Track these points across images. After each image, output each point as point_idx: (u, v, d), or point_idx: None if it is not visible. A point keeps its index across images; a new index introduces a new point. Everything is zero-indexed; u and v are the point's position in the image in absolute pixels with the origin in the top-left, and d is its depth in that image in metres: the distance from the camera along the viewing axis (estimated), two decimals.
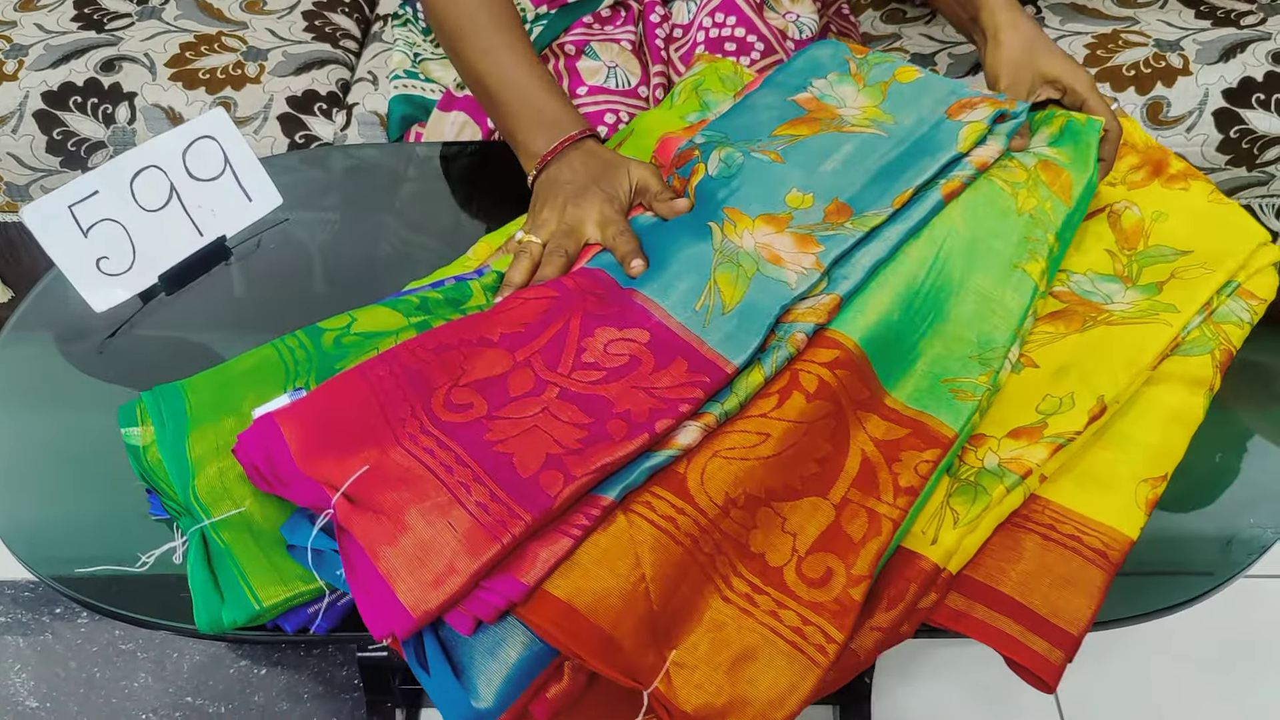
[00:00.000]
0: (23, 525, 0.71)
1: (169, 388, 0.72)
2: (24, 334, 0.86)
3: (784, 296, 0.71)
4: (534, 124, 0.87)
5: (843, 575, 0.61)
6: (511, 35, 0.91)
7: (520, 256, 0.80)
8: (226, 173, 0.89)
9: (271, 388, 0.71)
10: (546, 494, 0.59)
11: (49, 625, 1.28)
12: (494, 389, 0.66)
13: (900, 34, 1.34)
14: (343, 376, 0.67)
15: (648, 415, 0.63)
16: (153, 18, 1.35)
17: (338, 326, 0.75)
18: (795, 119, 0.86)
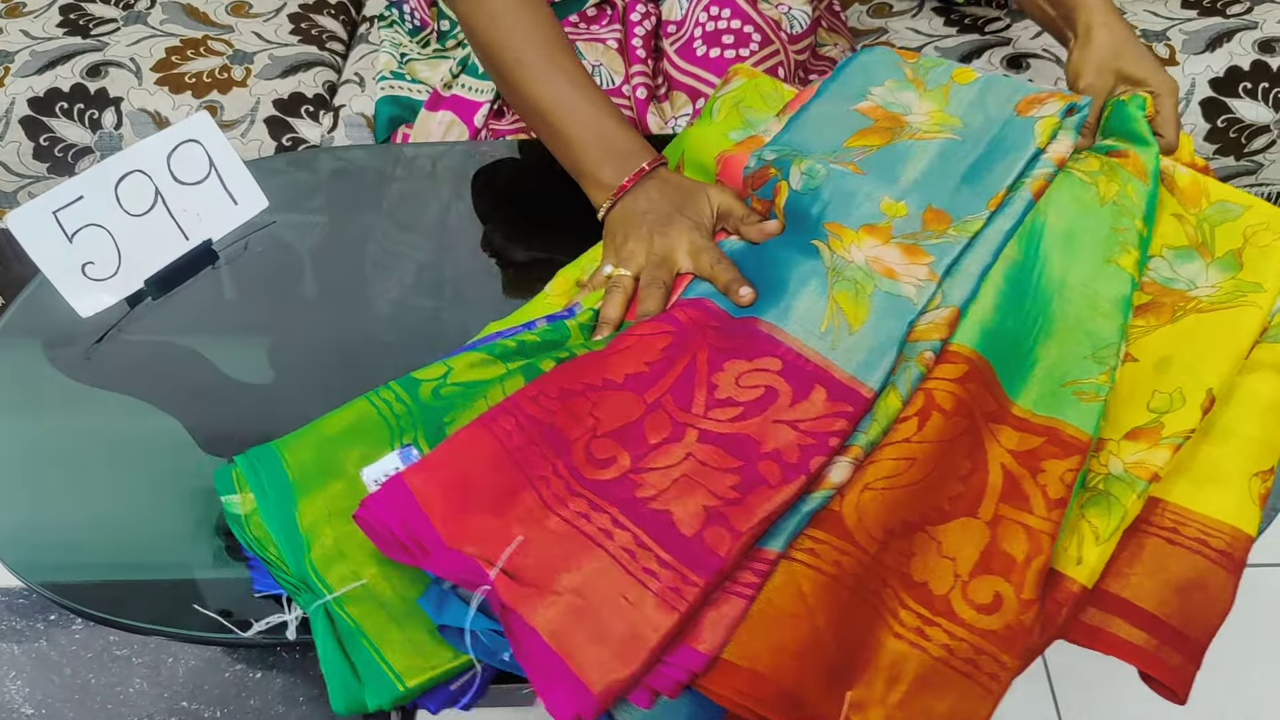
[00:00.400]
0: (12, 532, 0.71)
1: (263, 451, 0.68)
2: (10, 340, 0.85)
3: (909, 311, 0.69)
4: (602, 154, 0.84)
5: (1013, 600, 0.59)
6: (567, 61, 0.87)
7: (613, 291, 0.77)
8: (212, 176, 0.88)
9: (376, 445, 0.67)
10: (715, 554, 0.56)
11: (43, 632, 1.28)
12: (632, 437, 0.64)
13: (886, 28, 1.34)
14: (466, 432, 0.64)
15: (799, 453, 0.61)
16: (138, 22, 1.35)
17: (434, 376, 0.71)
18: (864, 129, 0.84)
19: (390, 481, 0.61)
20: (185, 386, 0.81)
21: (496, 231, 0.94)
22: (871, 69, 0.89)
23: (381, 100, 1.18)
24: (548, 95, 0.86)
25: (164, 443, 0.77)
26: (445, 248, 0.89)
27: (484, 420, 0.64)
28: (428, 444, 0.67)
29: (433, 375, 0.71)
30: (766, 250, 0.77)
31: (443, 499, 0.60)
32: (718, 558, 0.56)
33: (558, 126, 0.85)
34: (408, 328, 0.85)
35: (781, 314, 0.71)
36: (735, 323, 0.71)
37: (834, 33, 1.26)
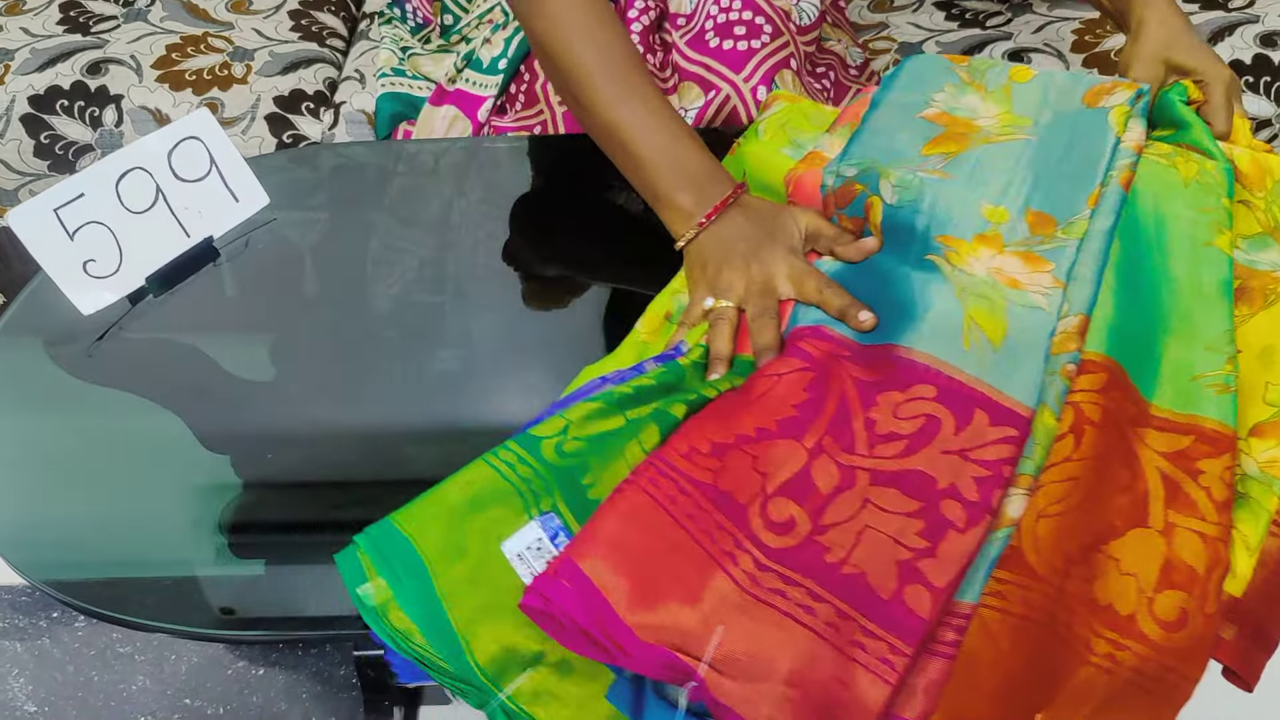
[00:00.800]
0: (14, 530, 0.71)
1: (387, 533, 0.61)
2: (12, 338, 0.85)
3: (1046, 322, 0.67)
4: (679, 179, 0.79)
5: (1197, 616, 0.58)
6: (641, 80, 0.82)
7: (719, 324, 0.73)
8: (212, 173, 0.88)
9: (508, 514, 0.62)
10: (917, 616, 0.55)
11: (46, 629, 1.28)
12: (803, 490, 0.60)
13: (887, 23, 1.34)
14: (626, 501, 0.60)
15: (977, 488, 0.59)
16: (138, 19, 1.35)
17: (553, 432, 0.65)
18: (937, 136, 0.81)
19: (562, 566, 0.57)
20: (187, 384, 0.81)
21: (499, 228, 0.94)
22: (925, 76, 0.87)
23: (383, 97, 1.18)
24: (621, 115, 0.81)
25: (166, 440, 0.77)
26: (447, 244, 0.89)
27: (641, 485, 0.60)
28: (570, 510, 0.62)
29: (551, 431, 0.65)
30: (874, 270, 0.73)
31: (626, 584, 0.56)
32: (920, 620, 0.55)
33: (630, 147, 0.81)
34: (409, 324, 0.85)
35: (917, 336, 0.67)
36: (869, 351, 0.67)
37: (837, 28, 1.26)
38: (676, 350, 0.74)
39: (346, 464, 0.76)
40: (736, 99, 1.08)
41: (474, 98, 1.12)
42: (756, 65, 1.06)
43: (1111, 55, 1.23)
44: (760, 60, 1.06)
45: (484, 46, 1.12)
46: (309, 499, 0.75)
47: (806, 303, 0.73)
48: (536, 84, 1.09)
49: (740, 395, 0.66)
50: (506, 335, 0.84)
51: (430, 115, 1.13)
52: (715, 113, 1.08)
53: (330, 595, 0.67)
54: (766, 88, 1.06)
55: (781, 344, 0.71)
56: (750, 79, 1.06)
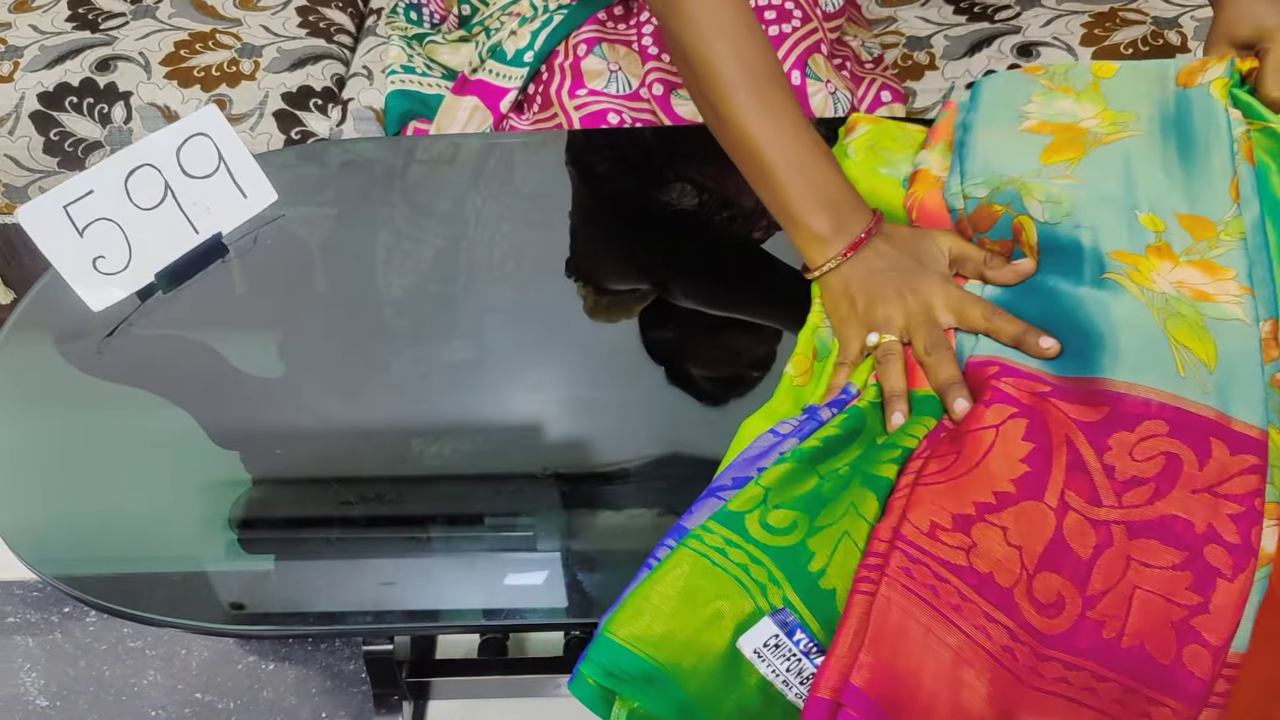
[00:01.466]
0: (26, 526, 0.71)
1: (610, 650, 0.57)
2: (23, 334, 0.86)
3: (1249, 334, 0.64)
4: (817, 204, 0.75)
5: None
6: (782, 94, 0.78)
7: (888, 360, 0.70)
8: (221, 169, 0.89)
9: (735, 605, 0.58)
10: (1198, 679, 0.53)
11: (58, 624, 1.28)
12: (1064, 560, 0.57)
13: (896, 16, 1.34)
14: (885, 599, 0.56)
15: (1235, 528, 0.56)
16: (147, 16, 1.35)
17: (753, 503, 0.61)
18: (1050, 145, 0.77)
19: (850, 695, 0.54)
20: (196, 380, 0.82)
21: (509, 223, 0.94)
22: (1005, 92, 0.83)
23: (392, 94, 1.17)
24: (756, 126, 0.77)
25: (176, 436, 0.77)
26: (456, 240, 0.89)
27: (894, 576, 0.57)
28: (802, 601, 0.59)
29: (750, 503, 0.61)
30: (1039, 293, 0.69)
31: (910, 695, 0.54)
32: (1202, 682, 0.54)
33: (765, 163, 0.77)
34: (418, 320, 0.85)
35: (1123, 366, 0.63)
36: (1073, 386, 0.63)
37: (853, 23, 1.26)
38: (846, 394, 0.70)
39: (356, 460, 0.76)
40: None
41: (496, 89, 1.12)
42: (788, 50, 1.05)
43: (1121, 48, 1.22)
44: (792, 45, 1.06)
45: (510, 38, 1.12)
46: (319, 495, 0.75)
47: (972, 331, 0.69)
48: (551, 87, 1.09)
49: (961, 452, 0.62)
50: (517, 332, 0.84)
51: (453, 105, 1.13)
52: None
53: (340, 591, 0.67)
54: (800, 73, 1.05)
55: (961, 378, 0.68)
56: (783, 64, 1.06)
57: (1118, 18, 1.26)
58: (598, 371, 0.81)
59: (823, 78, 1.05)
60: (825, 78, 1.05)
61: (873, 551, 0.58)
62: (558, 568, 0.68)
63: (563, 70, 1.09)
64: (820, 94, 1.05)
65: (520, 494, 0.73)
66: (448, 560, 0.70)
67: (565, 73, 1.09)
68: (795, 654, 0.58)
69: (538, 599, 0.67)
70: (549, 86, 1.09)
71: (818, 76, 1.05)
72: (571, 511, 0.72)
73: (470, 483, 0.75)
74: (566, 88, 1.08)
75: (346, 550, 0.70)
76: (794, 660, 0.58)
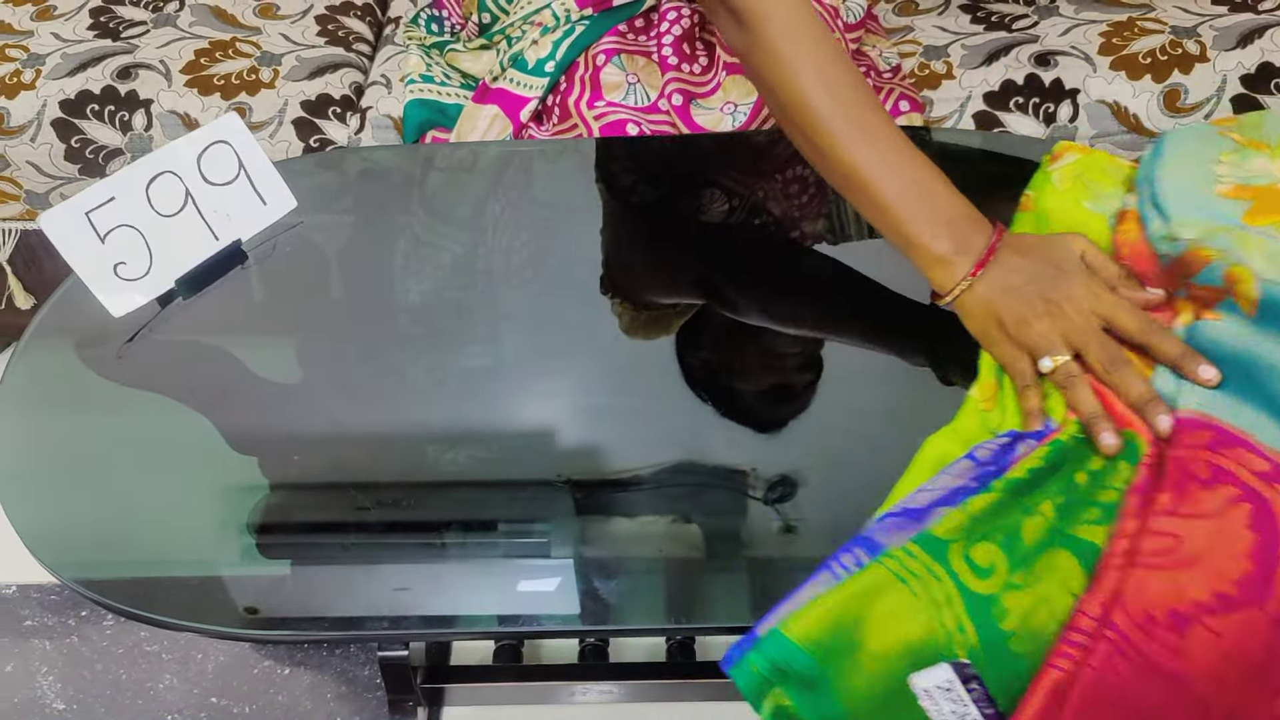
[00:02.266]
0: (46, 530, 0.72)
1: (783, 647, 0.58)
2: (44, 340, 0.87)
3: None
4: (932, 224, 0.72)
5: None
6: (878, 117, 0.76)
7: (1075, 386, 0.66)
8: (241, 177, 0.89)
9: (919, 639, 0.57)
10: None
11: (75, 628, 1.29)
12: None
13: (913, 26, 1.33)
14: (1079, 696, 0.54)
15: None
16: (167, 25, 1.36)
17: (957, 534, 0.60)
18: (1252, 209, 0.71)
19: None
20: (215, 386, 0.82)
21: (527, 231, 0.94)
22: (1193, 149, 0.77)
23: (411, 104, 1.18)
24: (857, 154, 0.74)
25: (194, 441, 0.78)
26: (474, 247, 0.89)
27: (1096, 667, 0.54)
28: (985, 654, 0.57)
29: (955, 530, 0.60)
30: (1255, 358, 0.63)
31: None
32: None
33: (872, 190, 0.74)
34: (436, 327, 0.86)
35: None
36: (1243, 444, 0.59)
37: (871, 33, 1.26)
38: (1048, 427, 0.67)
39: (373, 466, 0.76)
40: None
41: (517, 98, 1.12)
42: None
43: (1140, 58, 1.22)
44: None
45: (531, 47, 1.12)
46: (335, 500, 0.75)
47: (1125, 337, 0.66)
48: (570, 98, 1.09)
49: (1181, 537, 0.58)
50: (534, 339, 0.84)
51: (473, 113, 1.14)
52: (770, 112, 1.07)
53: (355, 596, 0.67)
54: None
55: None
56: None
57: (1136, 27, 1.25)
58: (613, 378, 0.82)
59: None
60: None
61: (1077, 628, 0.56)
62: (574, 574, 0.68)
63: (581, 82, 1.09)
64: None
65: (536, 500, 0.73)
66: (463, 566, 0.70)
67: (584, 84, 1.09)
68: (966, 702, 0.56)
69: (554, 605, 0.67)
70: (567, 98, 1.09)
71: None
72: (587, 518, 0.72)
73: (486, 489, 0.75)
74: (585, 99, 1.09)
75: (363, 556, 0.71)
76: (963, 707, 0.57)
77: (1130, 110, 1.21)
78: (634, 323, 0.85)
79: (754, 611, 0.63)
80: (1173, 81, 1.21)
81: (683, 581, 0.69)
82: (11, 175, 1.32)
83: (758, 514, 0.71)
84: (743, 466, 0.74)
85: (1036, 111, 1.21)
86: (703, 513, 0.72)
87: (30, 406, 0.82)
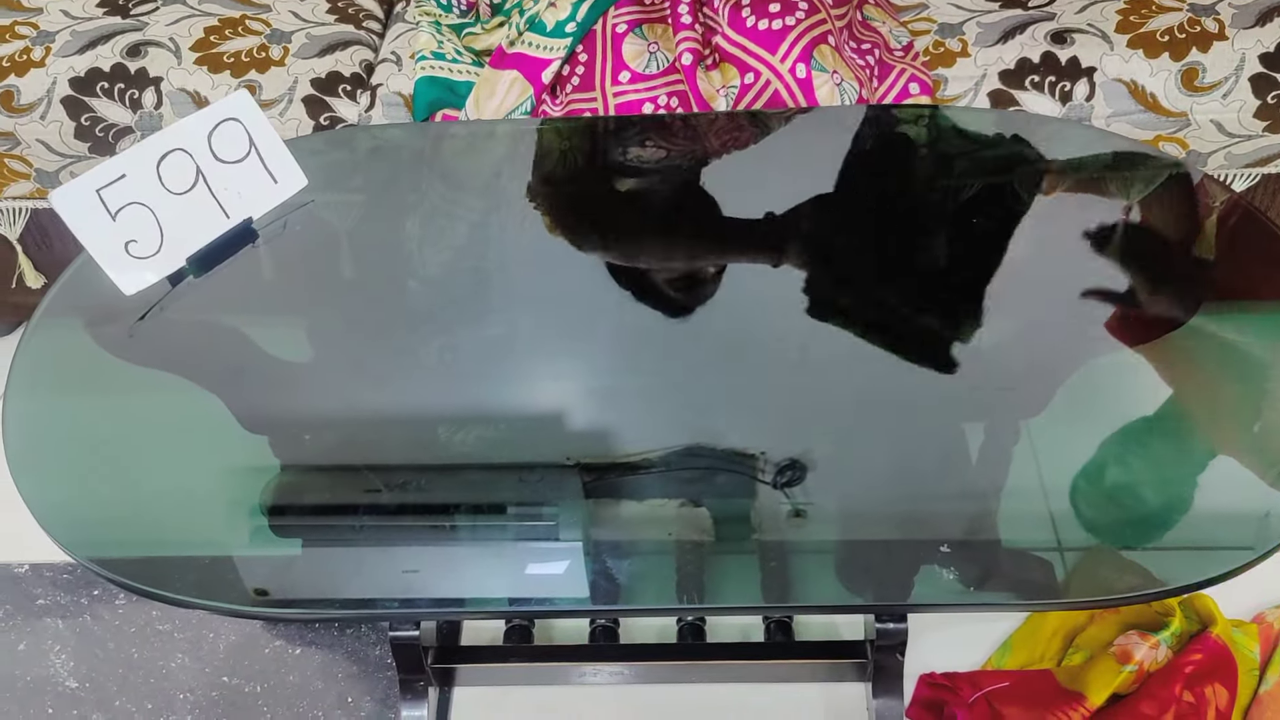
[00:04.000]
0: (59, 508, 0.72)
1: None
2: (56, 319, 0.86)
3: None
4: None
5: None
6: None
7: None
8: (252, 155, 0.89)
9: None
10: None
11: (87, 607, 1.29)
12: None
13: (927, 3, 1.32)
14: None
15: None
16: (177, 2, 1.36)
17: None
18: None
19: None
20: (225, 364, 0.82)
21: (539, 209, 0.94)
22: None
23: (421, 81, 1.17)
24: None
25: (205, 420, 0.78)
26: (485, 226, 0.89)
27: None
28: None
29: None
30: None
31: None
32: None
33: None
34: (446, 306, 0.85)
35: None
36: None
37: (879, 8, 1.25)
38: None
39: (383, 446, 0.76)
40: (777, 81, 1.07)
41: (537, 60, 1.11)
42: (793, 43, 1.06)
43: (1157, 35, 1.20)
44: (796, 37, 1.06)
45: (549, 10, 1.11)
46: (346, 481, 0.75)
47: None
48: (595, 70, 1.09)
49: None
50: (545, 319, 0.84)
51: (491, 78, 1.13)
52: (755, 96, 1.07)
53: (366, 576, 0.67)
54: (805, 65, 1.05)
55: None
56: (786, 59, 1.06)
57: (1153, 4, 1.24)
58: (624, 359, 0.81)
59: (829, 69, 1.06)
60: (832, 69, 1.06)
61: None
62: (584, 555, 0.68)
63: (604, 54, 1.09)
64: (826, 85, 1.06)
65: (546, 482, 0.73)
66: (474, 547, 0.70)
67: (605, 56, 1.09)
68: None
69: (564, 587, 0.67)
70: (591, 69, 1.09)
71: (823, 68, 1.06)
72: (597, 500, 0.72)
73: (496, 471, 0.74)
74: (610, 69, 1.08)
75: (374, 536, 0.70)
76: None
77: (1148, 89, 1.19)
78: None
79: (764, 593, 0.62)
80: (1191, 60, 1.20)
81: (693, 563, 0.69)
82: (21, 153, 1.32)
83: (767, 497, 0.71)
84: (752, 450, 0.73)
85: (1053, 90, 1.20)
86: (712, 494, 0.71)
87: (41, 385, 0.82)
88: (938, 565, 0.66)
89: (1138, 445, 0.74)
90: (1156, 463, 0.75)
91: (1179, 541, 0.70)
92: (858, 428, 0.76)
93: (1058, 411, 0.77)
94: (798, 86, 1.06)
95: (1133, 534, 0.70)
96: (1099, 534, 0.70)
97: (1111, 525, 0.71)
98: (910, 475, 0.74)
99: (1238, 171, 1.27)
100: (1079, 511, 0.70)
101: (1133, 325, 0.83)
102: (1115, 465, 0.72)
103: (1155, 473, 0.74)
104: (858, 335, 0.83)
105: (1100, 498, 0.71)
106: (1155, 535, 0.71)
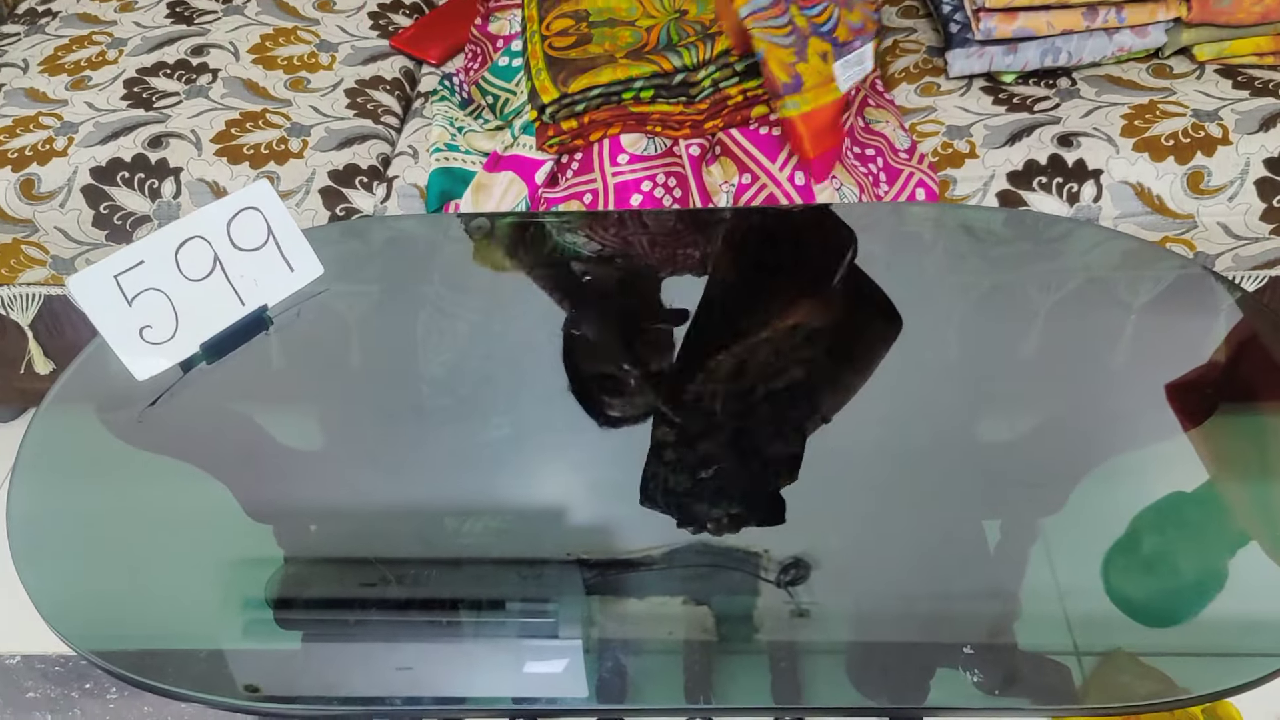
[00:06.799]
0: (61, 599, 0.70)
1: None
2: (65, 404, 0.86)
3: None
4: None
5: None
6: None
7: None
8: (269, 243, 0.89)
9: None
10: None
11: (77, 700, 1.26)
12: None
13: (935, 106, 1.35)
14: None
15: None
16: (200, 96, 1.39)
17: None
18: None
19: None
20: (234, 452, 0.81)
21: (549, 302, 0.94)
22: None
23: (435, 172, 1.19)
24: None
25: (211, 510, 0.77)
26: (496, 317, 0.89)
27: None
28: None
29: None
30: None
31: None
32: None
33: None
34: (457, 398, 0.85)
35: None
36: None
37: (882, 109, 1.27)
38: None
39: (388, 538, 0.75)
40: (773, 186, 1.09)
41: (530, 161, 1.14)
42: (791, 153, 1.08)
43: (1162, 140, 1.22)
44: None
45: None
46: (350, 573, 0.74)
47: None
48: (593, 152, 1.10)
49: None
50: (555, 413, 0.84)
51: (487, 181, 1.15)
52: (752, 195, 1.09)
53: (369, 672, 0.66)
54: (805, 173, 1.07)
55: None
56: (785, 166, 1.08)
57: (1157, 110, 1.26)
58: (631, 456, 0.80)
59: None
60: (830, 174, 1.08)
61: None
62: (588, 655, 0.67)
63: (601, 141, 1.11)
64: (826, 190, 1.07)
65: (550, 578, 0.72)
66: (477, 644, 0.69)
67: (603, 141, 1.11)
68: None
69: (566, 685, 0.65)
70: (589, 153, 1.11)
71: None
72: (601, 598, 0.70)
73: (501, 566, 0.73)
74: (608, 155, 1.10)
75: (376, 632, 0.69)
76: None
77: (1154, 191, 1.21)
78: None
79: (774, 695, 0.61)
80: (1196, 163, 1.22)
81: (701, 663, 0.67)
82: (39, 240, 1.33)
83: (770, 596, 0.69)
84: (755, 547, 0.72)
85: (1060, 191, 1.22)
86: (717, 592, 0.70)
87: (49, 471, 0.81)
88: (960, 667, 0.64)
89: (1175, 515, 0.73)
90: (1193, 533, 0.73)
91: (1203, 646, 0.68)
92: (865, 525, 0.75)
93: (1074, 510, 0.76)
94: (796, 194, 1.08)
95: (1167, 608, 0.68)
96: (1131, 609, 0.68)
97: (1145, 599, 0.69)
98: (922, 575, 0.72)
99: (1246, 273, 1.28)
100: (1110, 585, 0.68)
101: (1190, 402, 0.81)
102: (1151, 534, 0.71)
103: (1192, 542, 0.73)
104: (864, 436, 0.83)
105: (1135, 568, 0.70)
106: (1192, 609, 0.69)
